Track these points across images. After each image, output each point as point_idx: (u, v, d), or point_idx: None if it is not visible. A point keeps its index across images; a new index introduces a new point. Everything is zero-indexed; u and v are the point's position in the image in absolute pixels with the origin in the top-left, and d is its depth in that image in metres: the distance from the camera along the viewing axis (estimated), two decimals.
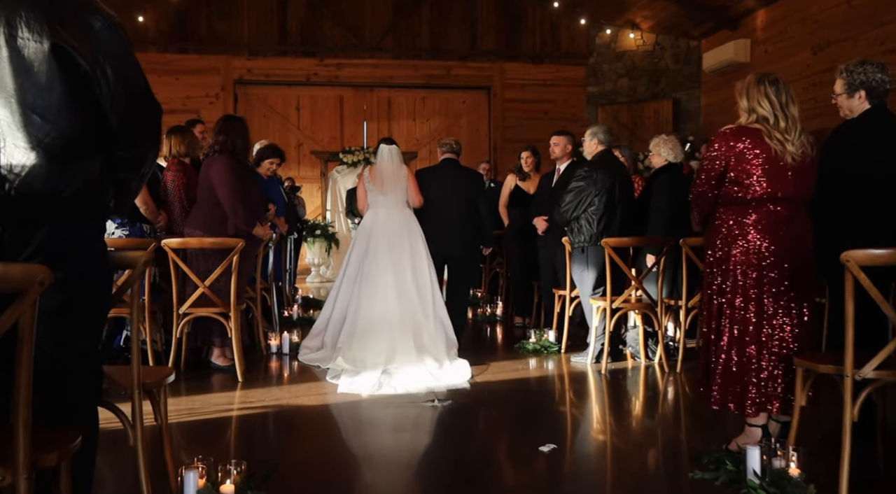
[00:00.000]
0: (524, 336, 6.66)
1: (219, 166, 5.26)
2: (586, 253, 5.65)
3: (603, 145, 5.76)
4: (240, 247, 5.01)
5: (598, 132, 5.79)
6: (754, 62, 11.20)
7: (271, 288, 6.70)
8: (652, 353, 5.66)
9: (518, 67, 13.46)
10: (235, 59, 12.91)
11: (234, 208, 5.21)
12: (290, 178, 9.58)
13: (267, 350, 5.99)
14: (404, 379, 4.95)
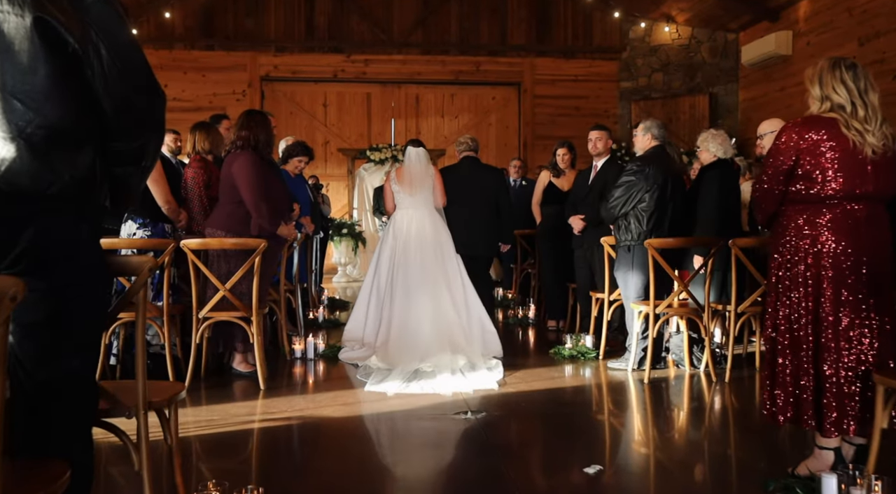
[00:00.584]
0: (558, 340, 6.34)
1: (241, 162, 5.00)
2: (633, 252, 5.30)
3: (657, 140, 5.41)
4: (262, 248, 4.74)
5: (651, 126, 5.44)
6: (796, 55, 10.73)
7: (296, 289, 6.43)
8: (697, 361, 5.30)
9: (549, 62, 13.10)
10: (262, 56, 12.70)
11: (258, 206, 4.94)
12: (314, 176, 9.34)
13: (291, 354, 5.72)
14: (433, 379, 4.91)
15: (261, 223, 4.96)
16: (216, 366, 5.26)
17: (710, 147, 5.45)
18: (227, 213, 5.03)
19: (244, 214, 4.99)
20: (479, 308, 5.69)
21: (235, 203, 5.02)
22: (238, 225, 4.99)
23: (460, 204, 5.99)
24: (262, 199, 4.96)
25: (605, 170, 6.35)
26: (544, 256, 7.23)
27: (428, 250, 5.67)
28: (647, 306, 5.05)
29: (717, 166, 5.39)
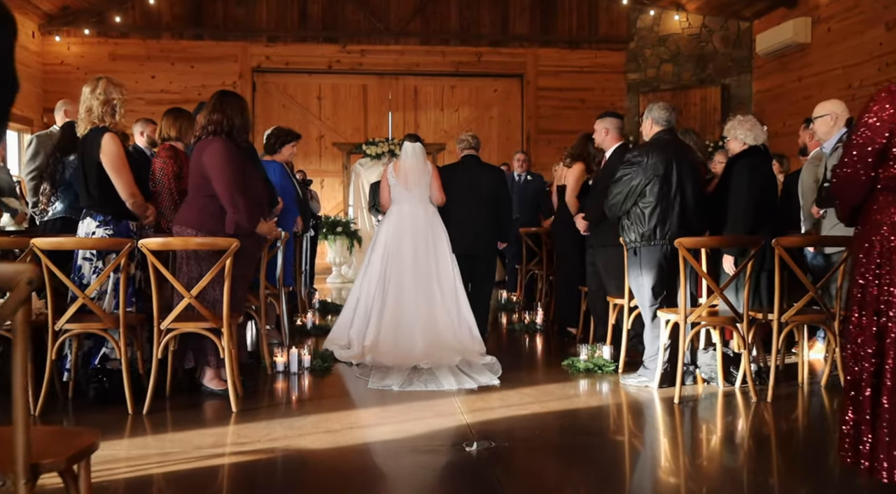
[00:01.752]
0: (573, 350, 5.67)
1: (213, 150, 4.32)
2: (639, 255, 4.63)
3: (659, 125, 4.72)
4: (233, 248, 4.06)
5: (652, 109, 4.75)
6: (815, 43, 10.05)
7: (280, 294, 5.75)
8: (732, 377, 4.62)
9: (553, 53, 12.42)
10: (253, 46, 12.03)
11: (233, 200, 4.26)
12: (301, 171, 8.66)
13: (273, 368, 5.04)
14: (434, 376, 4.77)
15: (237, 219, 4.28)
16: (188, 383, 4.58)
17: (738, 134, 4.77)
18: (197, 208, 4.35)
19: (217, 209, 4.31)
20: (467, 307, 5.59)
21: (207, 196, 4.34)
22: (211, 221, 4.31)
23: (461, 202, 5.85)
24: (238, 192, 4.28)
25: (610, 161, 5.67)
26: (563, 256, 6.50)
27: (421, 246, 5.57)
28: (675, 314, 4.37)
29: (747, 154, 4.71)
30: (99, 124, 4.39)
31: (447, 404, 4.27)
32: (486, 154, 12.58)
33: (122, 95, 4.47)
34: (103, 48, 11.79)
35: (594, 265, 5.60)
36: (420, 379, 4.71)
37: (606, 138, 5.60)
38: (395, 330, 5.36)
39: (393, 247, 5.62)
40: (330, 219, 11.02)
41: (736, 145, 4.75)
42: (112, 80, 4.51)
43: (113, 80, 4.54)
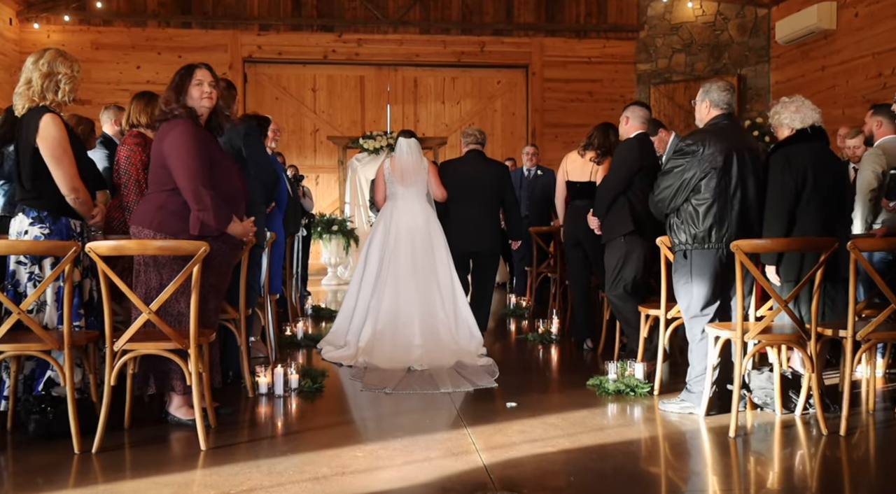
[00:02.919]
0: (594, 365, 4.95)
1: (176, 135, 3.58)
2: (689, 259, 3.89)
3: (718, 108, 3.98)
4: (201, 253, 3.31)
5: (710, 90, 4.00)
6: (841, 29, 9.33)
7: (266, 302, 5.01)
8: (791, 403, 3.88)
9: (559, 43, 11.69)
10: (244, 35, 11.28)
11: (197, 194, 3.53)
12: (293, 166, 7.94)
13: (255, 390, 4.30)
14: (429, 378, 4.60)
15: (202, 218, 3.54)
16: (159, 409, 3.84)
17: (783, 118, 4.02)
18: (157, 205, 3.60)
19: (181, 207, 3.57)
20: (465, 306, 5.42)
21: (168, 191, 3.60)
22: (172, 221, 3.57)
23: (464, 199, 5.67)
24: (203, 185, 3.54)
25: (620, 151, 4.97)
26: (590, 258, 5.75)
27: (419, 245, 5.41)
28: (728, 330, 3.64)
29: (793, 141, 3.95)
30: (39, 103, 3.64)
31: (458, 439, 3.53)
32: (490, 149, 11.75)
33: (72, 71, 3.70)
34: (85, 36, 11.03)
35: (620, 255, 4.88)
36: (415, 381, 4.51)
37: (626, 127, 4.90)
38: (393, 330, 5.17)
39: (390, 245, 5.43)
40: (325, 218, 10.27)
41: (783, 132, 4.01)
42: (62, 52, 3.75)
43: (64, 52, 3.78)
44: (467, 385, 4.44)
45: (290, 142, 11.53)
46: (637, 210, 4.79)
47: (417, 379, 4.57)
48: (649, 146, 4.92)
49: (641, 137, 4.87)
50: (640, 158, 4.79)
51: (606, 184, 4.97)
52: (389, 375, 4.64)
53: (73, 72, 3.72)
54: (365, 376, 4.64)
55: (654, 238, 4.57)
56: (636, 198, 4.80)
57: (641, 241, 4.79)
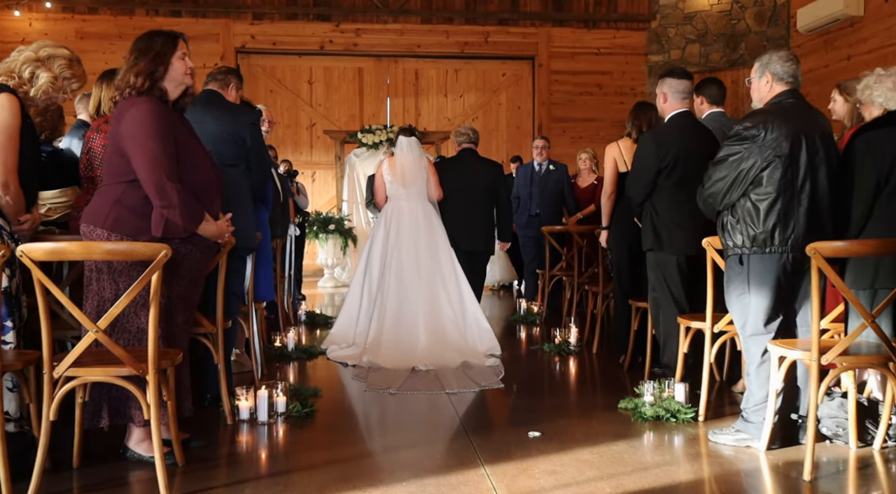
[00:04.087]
0: (622, 383, 4.33)
1: (135, 115, 2.94)
2: (747, 265, 3.24)
3: (782, 83, 3.34)
4: (161, 258, 2.67)
5: (770, 61, 3.35)
6: (868, 16, 8.68)
7: (251, 311, 4.36)
8: (869, 435, 3.24)
9: (567, 33, 11.04)
10: (237, 24, 10.62)
11: (161, 187, 2.90)
12: (286, 161, 7.30)
13: (234, 416, 3.65)
14: (434, 378, 4.49)
15: (167, 216, 2.90)
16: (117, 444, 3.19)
17: (876, 95, 3.41)
18: (111, 200, 2.96)
19: (141, 202, 2.93)
20: (474, 304, 5.32)
21: (126, 183, 2.96)
22: (131, 219, 2.93)
23: (457, 198, 5.57)
24: (169, 176, 2.91)
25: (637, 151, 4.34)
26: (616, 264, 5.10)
27: (422, 244, 5.32)
28: (800, 351, 3.00)
29: (880, 125, 3.33)
30: (6, 80, 3.08)
31: (476, 482, 2.88)
32: (495, 144, 11.24)
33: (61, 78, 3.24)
34: (69, 25, 10.37)
35: (657, 271, 4.23)
36: (419, 381, 4.39)
37: (664, 106, 4.24)
38: (397, 330, 5.07)
39: (391, 245, 5.32)
40: (321, 216, 9.63)
41: (872, 112, 3.38)
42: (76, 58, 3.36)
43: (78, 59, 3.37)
44: (473, 385, 4.32)
45: (286, 137, 10.89)
46: (660, 218, 4.14)
47: (422, 379, 4.44)
48: (687, 129, 4.20)
49: (676, 120, 4.20)
50: (659, 156, 4.13)
51: (627, 191, 4.36)
52: (393, 375, 4.50)
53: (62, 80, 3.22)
54: (369, 376, 4.50)
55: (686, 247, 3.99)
56: (660, 203, 4.15)
57: (666, 255, 4.15)
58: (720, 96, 4.63)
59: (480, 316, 5.27)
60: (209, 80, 4.00)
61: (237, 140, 3.76)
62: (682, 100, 4.16)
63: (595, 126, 10.99)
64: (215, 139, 3.66)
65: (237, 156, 3.77)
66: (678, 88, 4.15)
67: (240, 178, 3.77)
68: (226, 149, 3.71)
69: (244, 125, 3.79)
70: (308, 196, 8.06)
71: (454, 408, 3.94)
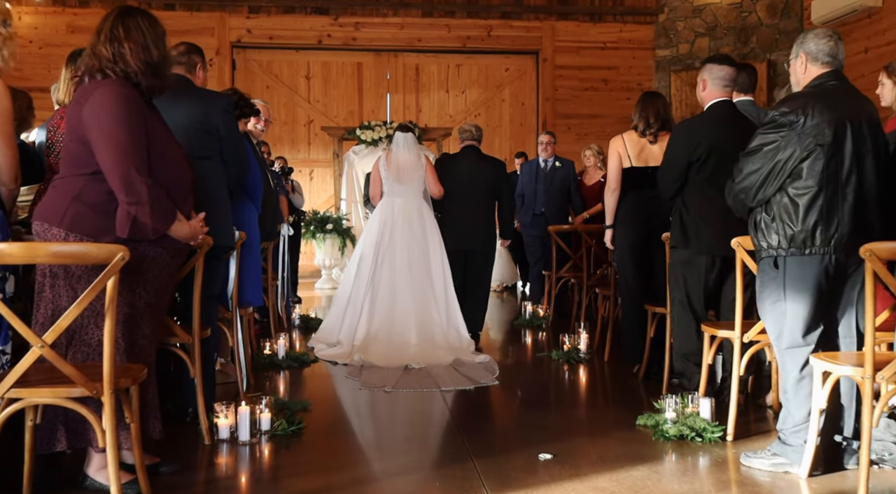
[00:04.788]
0: (639, 395, 3.96)
1: (100, 99, 2.59)
2: (783, 268, 2.86)
3: (820, 64, 2.96)
4: (117, 261, 2.30)
5: (806, 40, 2.98)
6: (889, 6, 8.30)
7: (235, 317, 3.98)
8: None
9: (572, 27, 10.67)
10: (232, 18, 10.26)
11: (129, 182, 2.54)
12: (281, 157, 6.95)
13: (213, 434, 3.28)
14: (428, 376, 4.44)
15: (136, 214, 2.54)
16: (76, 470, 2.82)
17: None
18: (70, 195, 2.59)
19: (103, 197, 2.58)
20: (456, 310, 5.23)
21: (87, 175, 2.60)
22: (92, 217, 2.58)
23: (459, 195, 5.46)
24: (138, 169, 2.56)
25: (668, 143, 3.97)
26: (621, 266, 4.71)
27: (415, 243, 5.26)
28: (849, 366, 2.63)
29: None
30: None
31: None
32: (498, 141, 10.86)
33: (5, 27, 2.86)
34: (60, 19, 10.00)
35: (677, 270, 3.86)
36: (413, 379, 4.33)
37: (703, 94, 3.87)
38: (388, 328, 5.04)
39: (385, 242, 5.24)
40: (319, 215, 9.26)
41: None
42: None
43: None
44: (467, 383, 4.24)
45: (283, 134, 10.54)
46: (689, 214, 3.78)
47: (416, 377, 4.39)
48: (724, 120, 3.78)
49: (713, 109, 3.82)
50: (690, 148, 3.76)
51: (659, 185, 4.00)
52: (387, 373, 4.43)
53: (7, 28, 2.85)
54: (362, 374, 4.42)
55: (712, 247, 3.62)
56: (690, 199, 3.79)
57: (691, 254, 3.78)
58: (749, 84, 4.27)
59: (461, 325, 5.19)
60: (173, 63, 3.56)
61: (209, 129, 3.38)
62: (722, 88, 3.79)
63: (601, 122, 10.62)
64: (185, 129, 3.29)
65: (209, 147, 3.39)
66: (718, 75, 3.78)
67: (214, 172, 3.40)
68: (197, 139, 3.34)
69: (216, 112, 3.41)
70: (303, 194, 7.70)
71: (455, 425, 3.57)
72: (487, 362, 4.75)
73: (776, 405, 3.66)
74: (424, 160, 5.43)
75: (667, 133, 4.37)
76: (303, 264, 9.97)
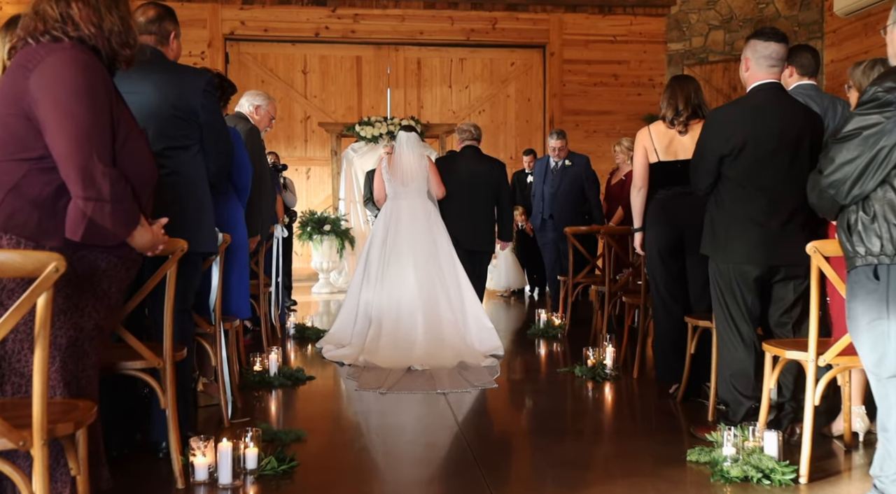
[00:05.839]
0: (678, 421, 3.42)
1: (57, 63, 2.07)
2: (887, 279, 2.30)
3: None
4: (49, 274, 1.75)
5: None
6: None
7: (217, 331, 3.43)
8: None
9: (581, 20, 10.12)
10: (226, 9, 9.69)
11: (88, 172, 2.03)
12: (272, 153, 6.42)
13: (188, 475, 2.72)
14: (429, 378, 4.32)
15: (92, 214, 2.02)
16: None
17: None
18: (6, 186, 2.06)
19: (46, 189, 2.05)
20: (475, 303, 5.18)
21: (30, 161, 2.07)
22: (32, 213, 2.05)
23: (459, 196, 5.42)
24: (101, 156, 2.03)
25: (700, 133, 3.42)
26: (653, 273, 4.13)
27: (422, 244, 5.19)
28: None
29: None
30: None
31: None
32: (503, 139, 10.33)
33: None
34: None
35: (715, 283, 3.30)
36: (412, 382, 4.26)
37: (746, 75, 3.29)
38: (395, 330, 4.94)
39: (390, 244, 5.18)
40: (316, 216, 8.70)
41: None
42: None
43: None
44: (466, 385, 4.17)
45: (278, 131, 9.97)
46: (720, 217, 3.21)
47: (416, 379, 4.31)
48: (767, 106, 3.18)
49: (755, 93, 3.25)
50: (723, 138, 3.18)
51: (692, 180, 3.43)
52: (387, 375, 4.35)
53: None
54: (361, 376, 4.36)
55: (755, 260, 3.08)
56: (721, 198, 3.22)
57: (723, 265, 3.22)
58: (814, 67, 3.73)
59: (482, 316, 5.13)
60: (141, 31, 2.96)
61: (186, 113, 2.83)
62: (768, 68, 3.20)
63: (610, 119, 10.09)
64: (157, 112, 2.75)
65: (187, 134, 2.84)
66: (764, 53, 3.19)
67: (191, 164, 2.85)
68: (172, 125, 2.79)
69: (195, 92, 2.85)
70: (295, 192, 7.15)
71: (475, 461, 3.01)
72: (493, 366, 4.64)
73: (848, 437, 3.12)
74: (427, 160, 5.37)
75: (699, 121, 3.83)
76: (299, 267, 9.44)
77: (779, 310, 3.14)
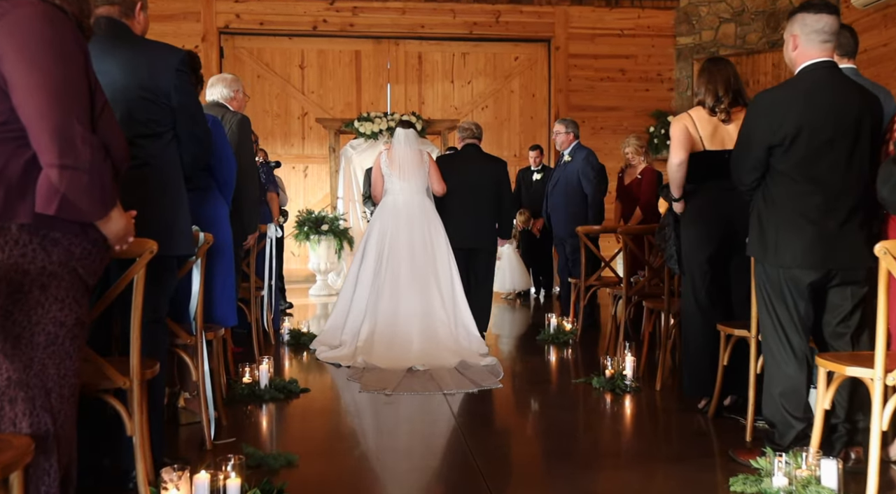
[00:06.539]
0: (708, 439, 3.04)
1: (23, 16, 1.71)
2: None
3: None
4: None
5: None
6: None
7: (199, 341, 3.04)
8: None
9: (587, 13, 9.77)
10: (220, 1, 9.37)
11: (66, 135, 1.67)
12: (262, 150, 6.04)
13: None
14: (431, 379, 4.22)
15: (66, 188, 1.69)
16: None
17: None
18: None
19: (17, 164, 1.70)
20: (465, 308, 5.04)
21: None
22: None
23: (460, 194, 5.33)
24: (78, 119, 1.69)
25: None
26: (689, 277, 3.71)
27: (418, 241, 5.09)
28: None
29: None
30: None
31: None
32: (507, 136, 9.95)
33: None
34: None
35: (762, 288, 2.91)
36: (415, 382, 4.16)
37: (793, 55, 2.88)
38: (391, 329, 4.84)
39: (388, 241, 5.07)
40: (313, 215, 8.32)
41: None
42: None
43: None
44: (471, 386, 4.08)
45: (275, 128, 9.62)
46: (769, 215, 2.81)
47: (418, 379, 4.22)
48: (821, 87, 2.74)
49: (807, 74, 2.84)
50: (772, 127, 2.79)
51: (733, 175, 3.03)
52: (389, 376, 4.26)
53: None
54: (363, 377, 4.25)
55: None
56: (771, 193, 2.83)
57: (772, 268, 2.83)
58: (853, 47, 3.34)
59: (471, 324, 5.01)
60: (100, 2, 2.54)
61: (157, 95, 2.44)
62: (821, 44, 2.78)
63: (618, 115, 9.72)
64: (123, 94, 2.36)
65: (157, 119, 2.45)
66: (816, 27, 2.77)
67: (165, 155, 2.46)
68: (141, 110, 2.40)
69: (167, 71, 2.45)
70: (286, 191, 6.77)
71: (485, 482, 2.63)
72: (493, 365, 4.55)
73: None
74: (427, 157, 5.28)
75: (741, 108, 3.44)
76: (296, 268, 9.07)
77: (835, 319, 2.75)
